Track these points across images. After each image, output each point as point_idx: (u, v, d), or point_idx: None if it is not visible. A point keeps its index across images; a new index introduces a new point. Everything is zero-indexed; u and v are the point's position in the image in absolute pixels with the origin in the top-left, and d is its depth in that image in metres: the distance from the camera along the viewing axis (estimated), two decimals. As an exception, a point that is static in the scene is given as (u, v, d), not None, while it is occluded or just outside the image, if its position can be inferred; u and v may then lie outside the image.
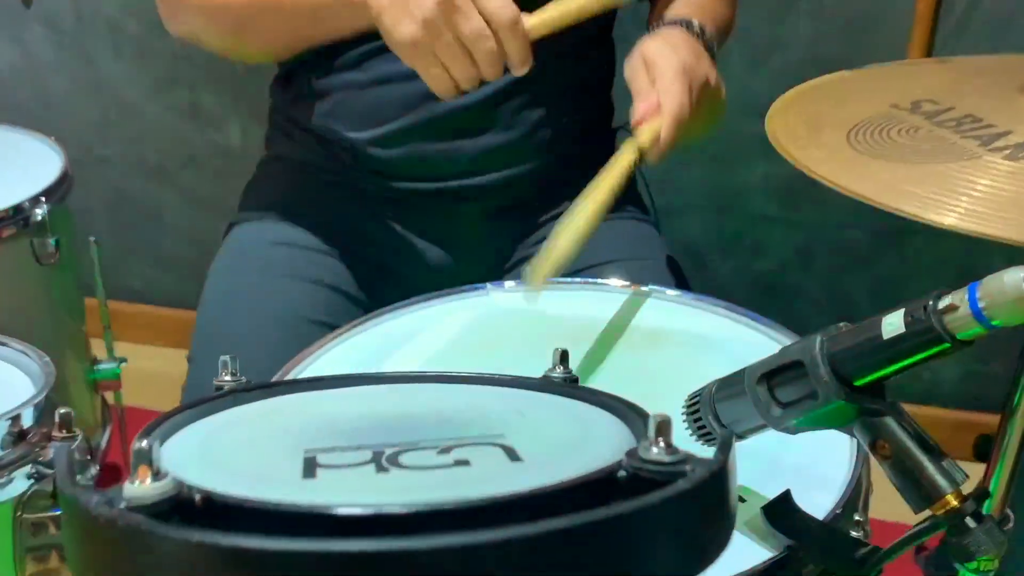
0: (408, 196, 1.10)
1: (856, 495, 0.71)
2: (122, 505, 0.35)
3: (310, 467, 0.42)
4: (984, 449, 1.62)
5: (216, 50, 1.14)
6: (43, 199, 1.25)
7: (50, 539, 0.62)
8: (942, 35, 1.60)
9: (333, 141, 1.10)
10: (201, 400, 0.49)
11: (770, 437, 0.65)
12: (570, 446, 0.44)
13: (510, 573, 0.34)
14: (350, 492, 0.40)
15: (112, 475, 1.51)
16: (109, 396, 1.41)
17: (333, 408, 0.52)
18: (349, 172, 1.11)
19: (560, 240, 0.84)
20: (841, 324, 0.59)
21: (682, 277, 1.12)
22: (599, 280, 0.99)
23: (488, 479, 0.40)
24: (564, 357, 0.55)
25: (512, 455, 0.43)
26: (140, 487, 0.36)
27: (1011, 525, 0.66)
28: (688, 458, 0.39)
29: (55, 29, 1.94)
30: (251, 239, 1.12)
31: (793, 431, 0.62)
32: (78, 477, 0.39)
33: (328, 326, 0.98)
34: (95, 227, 1.39)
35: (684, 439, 0.61)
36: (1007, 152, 0.66)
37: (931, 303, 0.53)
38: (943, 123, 0.72)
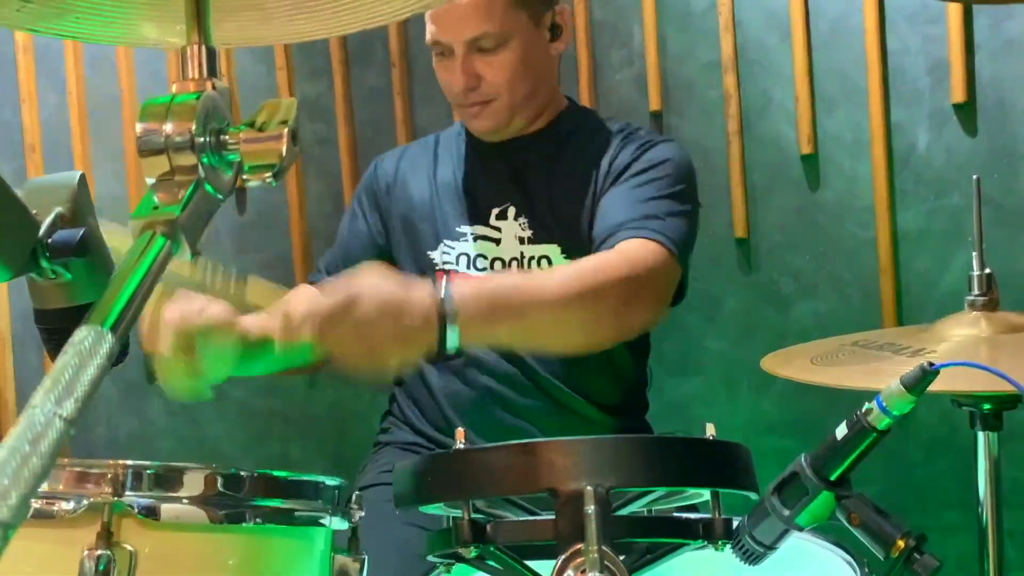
0: None
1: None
2: None
3: None
4: None
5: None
6: None
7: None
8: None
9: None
10: None
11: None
12: None
13: None
14: None
15: None
16: None
17: None
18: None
19: None
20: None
21: None
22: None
23: None
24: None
25: None
26: None
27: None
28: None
29: (170, 400, 2.49)
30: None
31: (799, 528, 1.04)
32: None
33: None
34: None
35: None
36: (908, 353, 1.17)
37: (859, 411, 1.00)
38: (869, 347, 1.23)
